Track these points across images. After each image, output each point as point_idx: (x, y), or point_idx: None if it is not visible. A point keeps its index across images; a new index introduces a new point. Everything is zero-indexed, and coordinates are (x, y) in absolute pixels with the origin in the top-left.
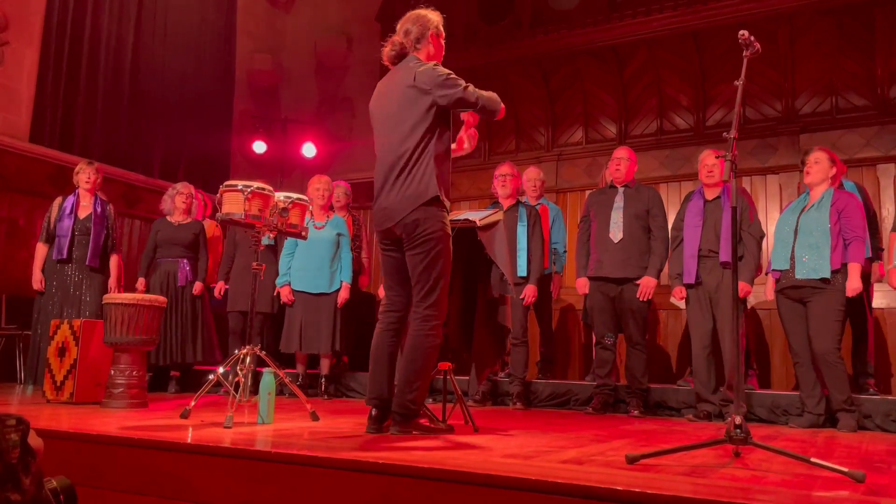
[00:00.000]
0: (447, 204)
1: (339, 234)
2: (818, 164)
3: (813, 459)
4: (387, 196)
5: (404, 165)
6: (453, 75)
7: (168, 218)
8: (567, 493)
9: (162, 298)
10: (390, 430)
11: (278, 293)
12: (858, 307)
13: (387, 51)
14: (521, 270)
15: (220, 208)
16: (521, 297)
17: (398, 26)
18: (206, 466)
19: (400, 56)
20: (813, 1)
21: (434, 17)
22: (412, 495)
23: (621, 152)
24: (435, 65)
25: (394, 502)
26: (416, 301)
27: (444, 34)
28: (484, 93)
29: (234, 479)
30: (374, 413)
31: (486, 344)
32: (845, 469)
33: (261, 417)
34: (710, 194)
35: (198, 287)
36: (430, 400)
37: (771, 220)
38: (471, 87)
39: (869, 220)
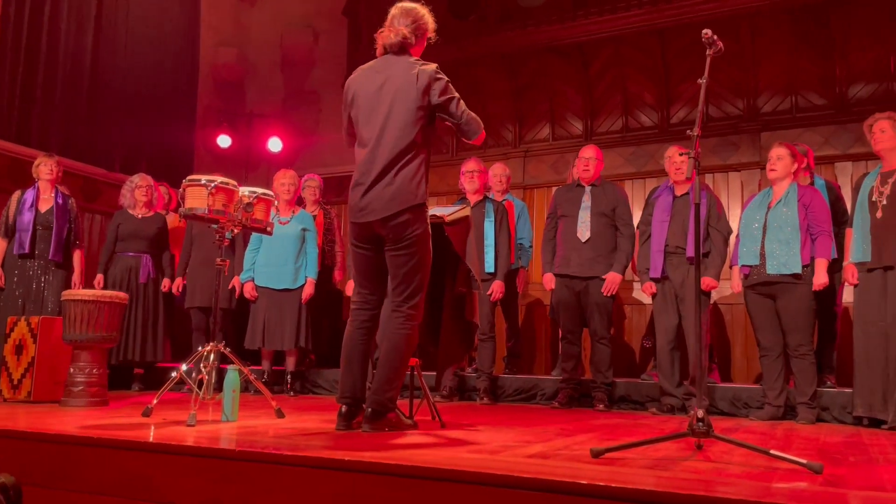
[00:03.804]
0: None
1: (304, 230)
2: (781, 161)
3: (773, 451)
4: (374, 190)
5: (395, 162)
6: (451, 85)
7: (130, 211)
8: (533, 488)
9: (123, 295)
10: (362, 427)
11: (232, 287)
12: (826, 302)
13: (388, 35)
14: (489, 266)
15: (183, 203)
16: (489, 292)
17: (394, 13)
18: (169, 465)
19: (400, 47)
20: (773, 1)
21: (432, 22)
22: (379, 492)
23: (589, 152)
24: (437, 67)
25: (360, 499)
26: (397, 301)
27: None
28: (472, 114)
29: (197, 478)
30: (344, 410)
31: (453, 339)
32: (804, 461)
33: (225, 415)
34: (679, 190)
35: (166, 284)
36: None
37: (732, 216)
38: (462, 103)
39: (840, 215)
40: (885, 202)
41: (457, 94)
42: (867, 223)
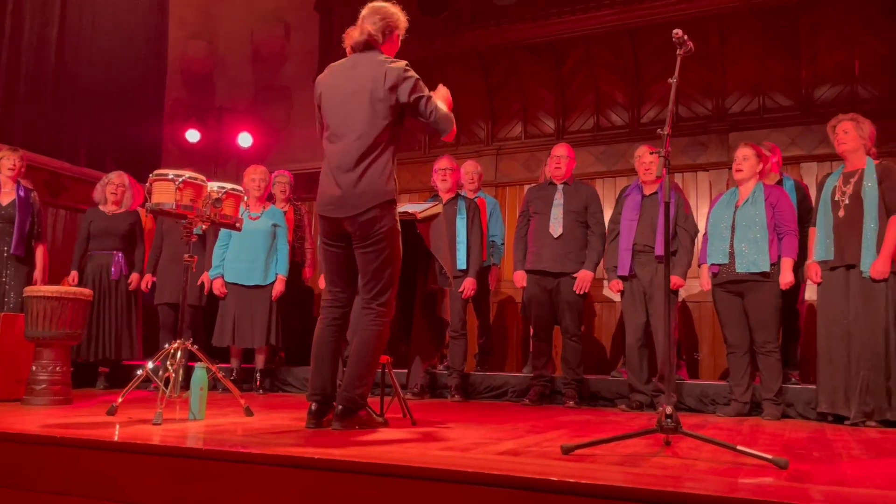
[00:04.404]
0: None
1: (274, 226)
2: (747, 161)
3: (739, 447)
4: (343, 187)
5: (363, 159)
6: (421, 82)
7: (101, 208)
8: (503, 485)
9: (87, 291)
10: (332, 425)
11: (202, 283)
12: (789, 300)
13: (354, 34)
14: (461, 263)
15: (150, 198)
16: (460, 289)
17: (364, 12)
18: (134, 465)
19: (366, 45)
20: (742, 3)
21: (402, 20)
22: (349, 490)
23: (561, 150)
24: (406, 65)
25: (330, 498)
26: (367, 298)
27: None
28: (441, 109)
29: (163, 478)
30: (314, 408)
31: (424, 337)
32: (769, 456)
33: (192, 414)
34: (648, 190)
35: (134, 279)
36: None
37: (701, 216)
38: (433, 100)
39: (807, 214)
40: (847, 202)
41: (426, 92)
42: (830, 222)
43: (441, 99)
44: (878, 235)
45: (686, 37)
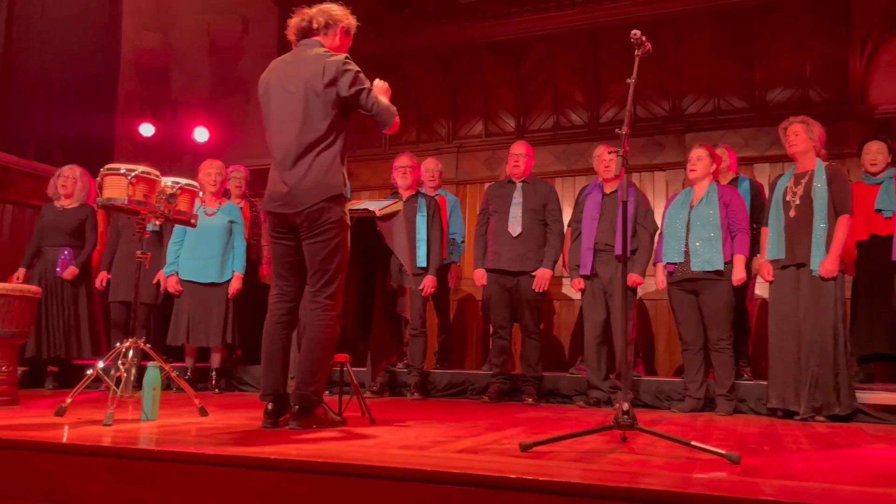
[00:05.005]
0: (348, 195)
1: (231, 222)
2: (701, 161)
3: (693, 443)
4: (290, 182)
5: (307, 154)
6: (361, 75)
7: (55, 203)
8: (462, 483)
9: (35, 288)
10: (289, 424)
11: (157, 281)
12: (740, 297)
13: (296, 21)
14: (421, 261)
15: (101, 193)
16: (420, 287)
17: (306, 11)
18: (83, 467)
19: (306, 32)
20: (697, 6)
21: (350, 18)
22: (306, 491)
23: (519, 148)
24: (346, 58)
25: (287, 499)
26: (313, 290)
27: (352, 34)
28: (382, 101)
29: (114, 480)
30: (270, 408)
31: (384, 335)
32: (723, 451)
33: (145, 414)
34: (609, 188)
35: (70, 272)
36: (327, 392)
37: (657, 215)
38: (373, 94)
39: (759, 212)
40: (797, 202)
41: (366, 85)
42: (781, 222)
43: (380, 92)
44: (827, 235)
45: (644, 38)
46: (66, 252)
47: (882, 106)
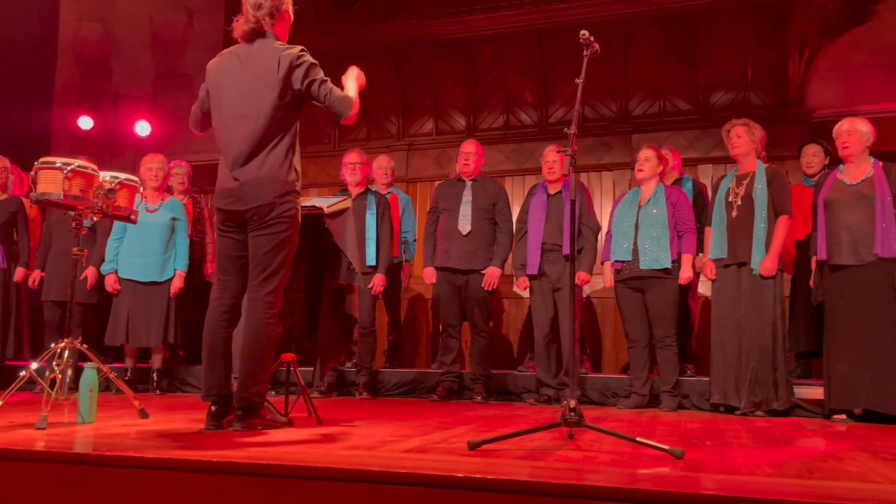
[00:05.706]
0: (299, 190)
1: (173, 219)
2: (649, 162)
3: (638, 439)
4: (240, 177)
5: (260, 149)
6: (316, 67)
7: None
8: (410, 483)
9: None
10: (233, 425)
11: (84, 278)
12: (684, 296)
13: (240, 25)
14: (371, 259)
15: (35, 187)
16: (370, 286)
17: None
18: (15, 472)
19: (255, 32)
20: (643, 8)
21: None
22: (251, 494)
23: (469, 146)
24: (302, 50)
25: (229, 502)
26: (254, 286)
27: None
28: (337, 93)
29: (47, 486)
30: (213, 409)
31: (332, 334)
32: (666, 447)
33: (81, 417)
34: (553, 189)
35: (19, 273)
36: (273, 392)
37: (605, 214)
38: (327, 83)
39: (702, 211)
40: (739, 202)
41: (320, 76)
42: (723, 222)
43: (352, 79)
44: (767, 235)
45: (592, 38)
46: None
47: (819, 110)
